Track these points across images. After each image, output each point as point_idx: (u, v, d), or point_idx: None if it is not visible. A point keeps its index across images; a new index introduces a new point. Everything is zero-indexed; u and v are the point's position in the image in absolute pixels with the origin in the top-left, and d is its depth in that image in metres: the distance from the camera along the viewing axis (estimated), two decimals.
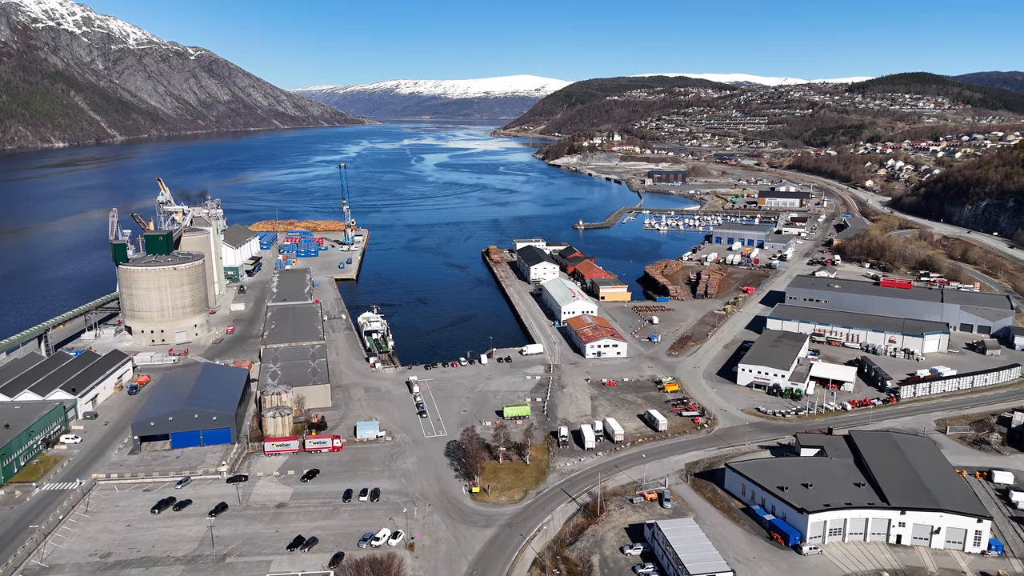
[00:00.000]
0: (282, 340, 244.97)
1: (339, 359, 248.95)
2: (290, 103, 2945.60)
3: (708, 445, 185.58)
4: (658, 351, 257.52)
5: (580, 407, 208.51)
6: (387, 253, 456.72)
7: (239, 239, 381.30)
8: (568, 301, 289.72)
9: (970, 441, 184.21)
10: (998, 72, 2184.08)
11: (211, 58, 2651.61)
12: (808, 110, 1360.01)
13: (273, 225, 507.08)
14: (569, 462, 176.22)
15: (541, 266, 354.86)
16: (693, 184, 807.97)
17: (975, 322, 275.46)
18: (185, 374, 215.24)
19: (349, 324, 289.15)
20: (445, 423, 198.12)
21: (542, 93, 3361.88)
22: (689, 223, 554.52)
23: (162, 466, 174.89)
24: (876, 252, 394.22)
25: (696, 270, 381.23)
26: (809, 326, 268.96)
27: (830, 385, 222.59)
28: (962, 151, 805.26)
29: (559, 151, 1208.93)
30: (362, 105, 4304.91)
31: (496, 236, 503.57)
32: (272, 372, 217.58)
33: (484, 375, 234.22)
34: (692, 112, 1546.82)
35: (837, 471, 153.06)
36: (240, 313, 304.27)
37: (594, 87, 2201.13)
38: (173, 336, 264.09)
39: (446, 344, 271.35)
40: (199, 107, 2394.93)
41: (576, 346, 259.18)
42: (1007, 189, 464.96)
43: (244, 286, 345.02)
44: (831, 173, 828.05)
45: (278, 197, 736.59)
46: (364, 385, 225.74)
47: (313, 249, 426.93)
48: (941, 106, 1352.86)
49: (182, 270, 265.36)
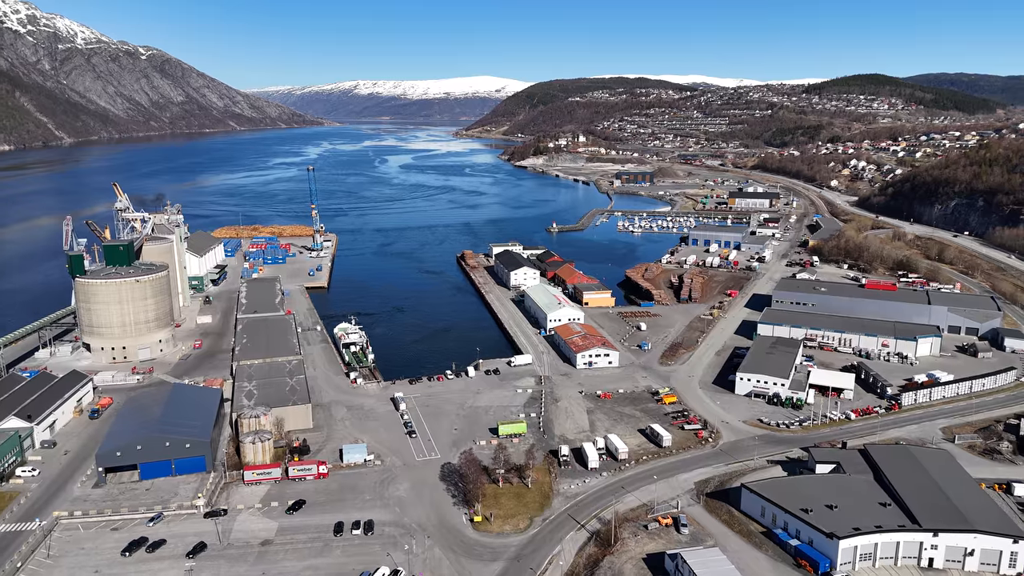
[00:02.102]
0: (256, 356, 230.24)
1: (317, 374, 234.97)
2: (246, 104, 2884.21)
3: (715, 461, 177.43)
4: (650, 359, 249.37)
5: (577, 422, 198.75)
6: (358, 259, 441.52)
7: (202, 247, 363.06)
8: (553, 308, 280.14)
9: (980, 451, 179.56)
10: (945, 73, 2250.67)
11: (163, 58, 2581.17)
12: (767, 111, 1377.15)
13: (236, 231, 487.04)
14: (573, 484, 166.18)
15: (521, 271, 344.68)
16: (661, 185, 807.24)
17: (963, 324, 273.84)
18: (152, 396, 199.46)
19: (325, 336, 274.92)
20: (437, 443, 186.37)
21: (503, 94, 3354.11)
22: (662, 225, 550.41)
23: (131, 500, 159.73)
24: (854, 253, 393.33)
25: (677, 273, 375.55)
26: (800, 331, 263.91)
27: (830, 393, 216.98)
28: (922, 151, 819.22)
29: (525, 152, 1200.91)
30: (320, 106, 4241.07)
31: (470, 240, 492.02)
32: (248, 392, 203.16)
33: (473, 389, 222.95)
34: (654, 113, 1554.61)
35: (859, 489, 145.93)
36: (207, 326, 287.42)
37: (555, 88, 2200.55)
38: (136, 353, 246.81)
39: (429, 356, 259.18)
40: (151, 108, 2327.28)
41: (566, 356, 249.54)
42: (976, 189, 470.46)
43: (210, 296, 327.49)
44: (796, 173, 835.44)
45: (239, 201, 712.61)
46: (346, 403, 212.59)
47: (280, 256, 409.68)
48: (895, 107, 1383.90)
49: (145, 282, 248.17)
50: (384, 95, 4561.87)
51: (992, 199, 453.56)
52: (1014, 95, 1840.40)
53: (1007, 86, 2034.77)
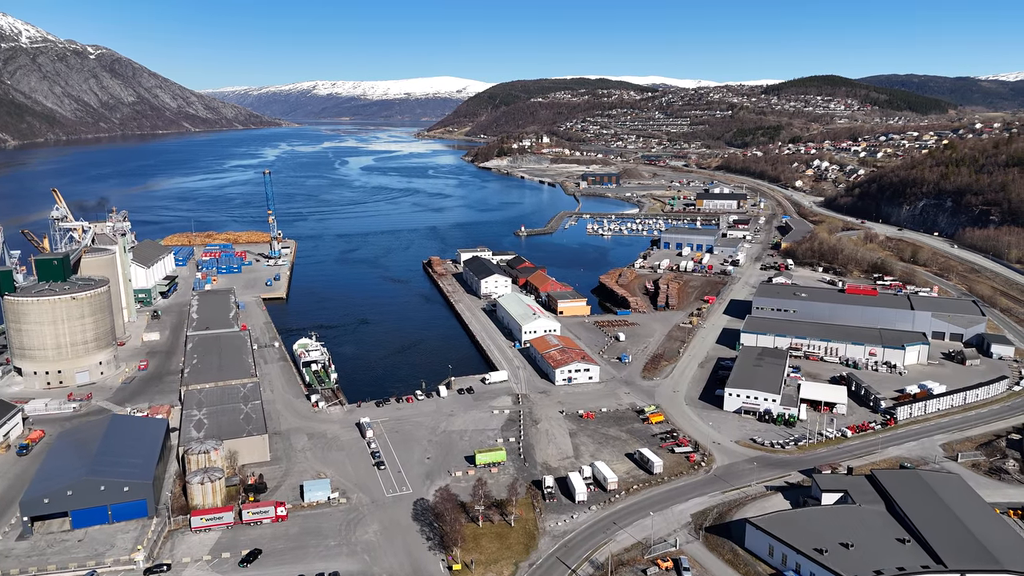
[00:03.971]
0: (207, 379, 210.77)
1: (275, 398, 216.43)
2: (201, 105, 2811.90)
3: (711, 488, 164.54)
4: (631, 373, 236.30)
5: (560, 447, 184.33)
6: (319, 267, 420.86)
7: (150, 256, 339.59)
8: (528, 319, 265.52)
9: (986, 470, 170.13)
10: (896, 75, 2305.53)
11: (113, 57, 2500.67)
12: (728, 111, 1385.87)
13: (188, 238, 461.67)
14: (560, 521, 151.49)
15: (492, 279, 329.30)
16: (627, 186, 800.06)
17: (947, 330, 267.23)
18: (88, 430, 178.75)
19: (283, 353, 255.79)
20: (408, 476, 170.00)
21: (464, 95, 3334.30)
22: (632, 227, 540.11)
23: (61, 555, 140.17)
24: (828, 255, 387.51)
25: (651, 278, 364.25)
26: (785, 340, 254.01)
27: (822, 408, 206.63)
28: (882, 151, 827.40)
29: (488, 153, 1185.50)
30: (278, 107, 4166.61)
31: (437, 245, 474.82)
32: (196, 421, 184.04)
33: (445, 411, 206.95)
34: (616, 114, 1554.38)
35: (873, 523, 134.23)
36: (155, 344, 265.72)
37: (517, 89, 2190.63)
38: (73, 377, 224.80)
39: (396, 374, 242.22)
40: (101, 109, 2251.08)
41: (543, 371, 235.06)
42: (944, 189, 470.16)
43: (158, 311, 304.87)
44: (760, 174, 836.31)
45: (192, 206, 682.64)
46: (307, 430, 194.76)
47: (236, 265, 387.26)
48: (851, 107, 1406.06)
49: (83, 299, 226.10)
50: (343, 95, 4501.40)
51: (960, 200, 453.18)
52: (961, 96, 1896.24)
53: (955, 87, 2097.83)
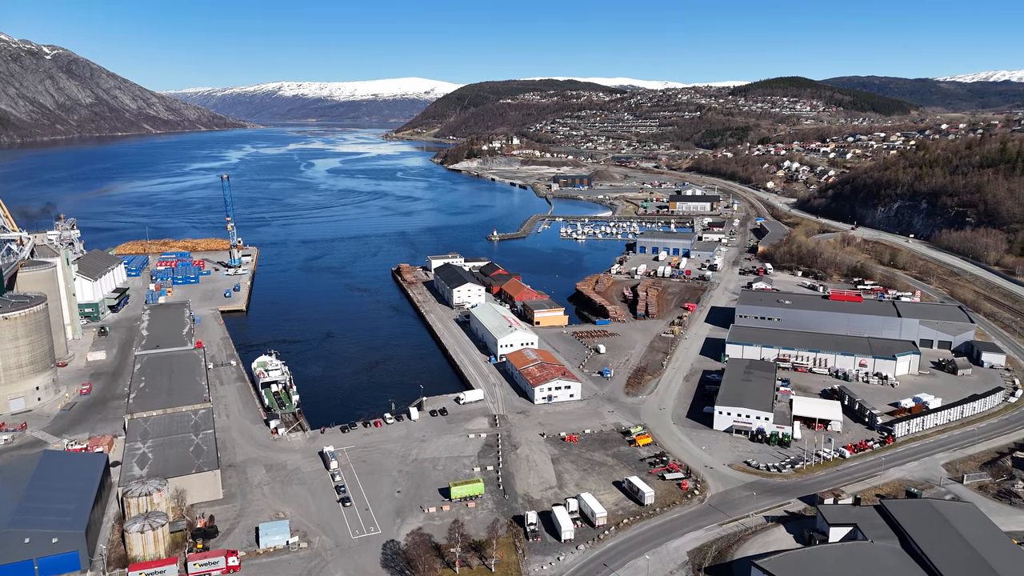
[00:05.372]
0: (154, 405, 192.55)
1: (231, 424, 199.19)
2: (162, 106, 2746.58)
3: (706, 520, 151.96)
4: (614, 389, 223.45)
5: (542, 476, 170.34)
6: (282, 276, 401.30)
7: (98, 268, 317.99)
8: (504, 332, 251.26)
9: (994, 493, 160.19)
10: (858, 76, 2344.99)
11: (70, 57, 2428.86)
12: (696, 112, 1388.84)
13: (143, 246, 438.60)
14: (545, 564, 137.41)
15: (465, 288, 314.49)
16: (599, 188, 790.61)
17: (935, 337, 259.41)
18: (14, 469, 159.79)
19: (241, 372, 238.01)
20: (376, 513, 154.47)
21: (432, 96, 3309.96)
22: (606, 231, 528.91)
23: None
24: (807, 259, 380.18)
25: (629, 284, 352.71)
26: (772, 351, 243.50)
27: (816, 425, 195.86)
28: (851, 151, 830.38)
29: (458, 155, 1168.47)
30: (243, 108, 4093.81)
31: (406, 251, 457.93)
32: (140, 456, 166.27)
33: (417, 436, 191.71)
34: (585, 115, 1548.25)
35: (888, 563, 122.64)
36: (100, 364, 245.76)
37: (486, 90, 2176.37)
38: (6, 404, 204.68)
39: (364, 394, 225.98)
40: (57, 111, 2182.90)
41: (521, 389, 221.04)
42: (919, 191, 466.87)
43: (106, 327, 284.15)
44: (731, 175, 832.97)
45: (149, 212, 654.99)
46: (265, 461, 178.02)
47: (193, 274, 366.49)
48: (816, 108, 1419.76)
49: (16, 319, 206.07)
50: (310, 97, 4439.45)
51: (936, 201, 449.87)
52: (921, 97, 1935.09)
53: (915, 88, 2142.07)
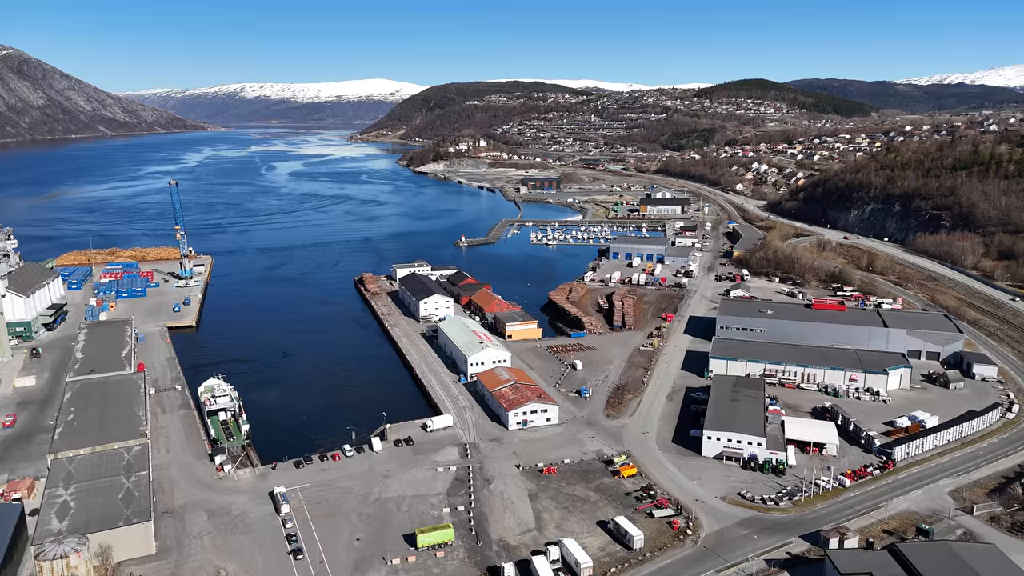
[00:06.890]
0: (82, 443, 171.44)
1: (170, 460, 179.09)
2: (119, 107, 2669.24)
3: (702, 567, 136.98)
4: (594, 411, 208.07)
5: (519, 516, 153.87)
6: (238, 287, 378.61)
7: (31, 283, 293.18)
8: (474, 349, 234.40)
9: (1008, 526, 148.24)
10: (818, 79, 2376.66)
11: (21, 58, 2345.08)
12: (662, 115, 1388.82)
13: (87, 256, 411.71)
14: None
15: (432, 300, 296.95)
16: (568, 191, 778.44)
17: (923, 348, 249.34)
18: None
19: (186, 398, 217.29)
20: (332, 567, 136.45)
21: (398, 97, 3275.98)
22: (577, 236, 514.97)
23: None
24: (784, 265, 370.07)
25: (604, 293, 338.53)
26: (758, 365, 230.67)
27: (810, 449, 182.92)
28: (818, 153, 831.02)
29: (424, 157, 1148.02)
30: (203, 110, 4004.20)
31: (371, 259, 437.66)
32: (61, 505, 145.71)
33: (379, 471, 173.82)
34: (552, 117, 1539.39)
35: None
36: (29, 391, 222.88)
37: (452, 91, 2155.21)
38: None
39: (322, 421, 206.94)
40: (7, 112, 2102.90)
41: (493, 412, 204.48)
42: (892, 194, 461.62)
43: (39, 348, 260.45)
44: (699, 177, 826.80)
45: (98, 218, 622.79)
46: (207, 505, 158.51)
47: (140, 287, 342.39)
48: (780, 111, 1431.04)
49: None
50: (272, 98, 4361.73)
51: (909, 204, 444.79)
52: (880, 99, 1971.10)
53: (873, 91, 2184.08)
